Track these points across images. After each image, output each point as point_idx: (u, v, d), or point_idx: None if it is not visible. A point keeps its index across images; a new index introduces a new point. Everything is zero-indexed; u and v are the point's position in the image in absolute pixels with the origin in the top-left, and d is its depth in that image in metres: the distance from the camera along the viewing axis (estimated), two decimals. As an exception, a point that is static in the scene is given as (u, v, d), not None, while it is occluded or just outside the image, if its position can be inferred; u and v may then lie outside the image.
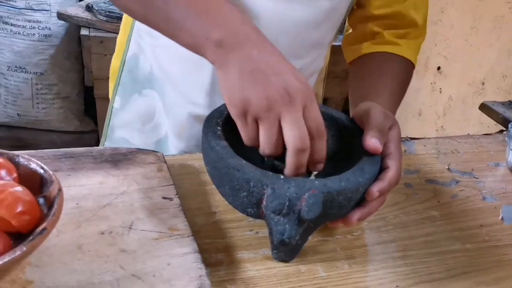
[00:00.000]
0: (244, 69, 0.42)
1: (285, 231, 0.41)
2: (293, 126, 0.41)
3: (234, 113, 0.43)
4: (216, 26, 0.44)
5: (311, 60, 0.70)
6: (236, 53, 0.43)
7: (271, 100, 0.40)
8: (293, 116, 0.41)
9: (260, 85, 0.41)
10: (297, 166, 0.42)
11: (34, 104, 1.87)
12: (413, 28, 0.69)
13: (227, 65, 0.43)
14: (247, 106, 0.41)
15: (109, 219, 0.46)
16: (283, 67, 0.43)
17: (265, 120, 0.41)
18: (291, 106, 0.41)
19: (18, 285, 0.38)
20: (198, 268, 0.42)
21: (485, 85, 1.46)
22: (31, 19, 1.74)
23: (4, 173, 0.42)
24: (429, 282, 0.47)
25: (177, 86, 0.69)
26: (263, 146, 0.42)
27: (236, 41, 0.43)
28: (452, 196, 0.61)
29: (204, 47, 0.45)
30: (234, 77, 0.42)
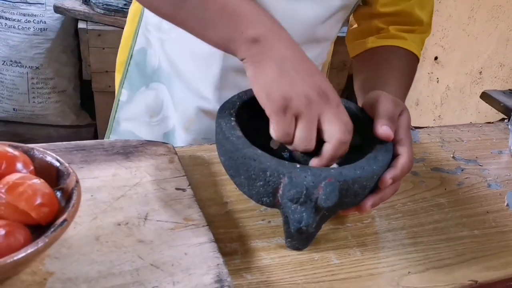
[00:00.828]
0: (281, 68, 0.43)
1: (302, 219, 0.41)
2: (336, 120, 0.43)
3: (272, 108, 0.43)
4: (252, 24, 0.45)
5: (317, 55, 0.70)
6: (272, 51, 0.44)
7: (311, 98, 0.42)
8: (333, 111, 0.43)
9: (297, 83, 0.43)
10: (333, 158, 0.44)
11: (30, 99, 1.85)
12: (418, 26, 0.70)
13: (263, 61, 0.44)
14: (288, 102, 0.42)
15: (124, 210, 0.46)
16: (313, 69, 0.45)
17: (306, 116, 0.42)
18: (330, 103, 0.43)
19: (39, 276, 0.38)
20: (215, 257, 0.42)
21: (482, 74, 1.47)
22: (26, 13, 1.72)
23: (20, 166, 0.42)
24: (440, 268, 0.48)
25: (186, 81, 0.69)
26: (299, 141, 0.43)
27: (271, 40, 0.44)
28: (458, 183, 0.62)
29: (237, 42, 0.45)
30: (272, 74, 0.43)
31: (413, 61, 0.68)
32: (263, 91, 0.43)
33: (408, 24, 0.69)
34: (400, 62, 0.66)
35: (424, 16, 0.69)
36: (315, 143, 0.43)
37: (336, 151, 0.43)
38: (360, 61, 0.71)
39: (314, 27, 0.64)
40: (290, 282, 0.44)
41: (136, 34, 0.72)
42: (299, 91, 0.42)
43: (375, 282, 0.45)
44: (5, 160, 0.42)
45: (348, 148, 0.45)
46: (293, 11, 0.61)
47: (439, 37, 1.62)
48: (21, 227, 0.38)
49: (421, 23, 0.69)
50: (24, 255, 0.34)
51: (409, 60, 0.67)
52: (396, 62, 0.66)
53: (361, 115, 0.52)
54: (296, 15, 0.61)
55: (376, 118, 0.49)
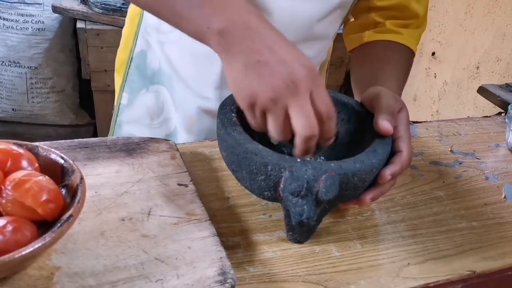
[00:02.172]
0: (247, 61, 0.42)
1: (303, 212, 0.42)
2: (300, 115, 0.41)
3: (242, 105, 0.44)
4: (217, 15, 0.43)
5: (317, 53, 0.71)
6: (239, 44, 0.42)
7: (277, 91, 0.41)
8: (300, 105, 0.41)
9: (264, 77, 0.41)
10: (305, 151, 0.44)
11: (29, 99, 1.86)
12: (414, 20, 0.70)
13: (231, 57, 0.43)
14: (254, 99, 0.42)
15: (128, 206, 0.47)
16: (287, 54, 0.42)
17: (272, 112, 0.42)
18: (297, 95, 0.41)
19: (46, 271, 0.39)
20: (218, 251, 0.43)
21: (479, 69, 1.48)
22: (24, 13, 1.72)
23: (26, 163, 0.43)
24: (439, 259, 0.49)
25: (186, 81, 0.70)
26: (273, 134, 0.44)
27: (238, 31, 0.43)
28: (456, 176, 0.63)
29: (207, 36, 0.44)
30: (239, 70, 0.42)
31: (409, 56, 0.69)
32: (232, 88, 0.44)
33: (405, 17, 0.70)
34: (396, 56, 0.67)
35: (420, 9, 0.70)
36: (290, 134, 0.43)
37: (304, 145, 0.43)
38: (357, 55, 0.71)
39: (312, 24, 0.64)
40: (292, 274, 0.44)
41: (136, 36, 0.72)
42: (265, 87, 0.41)
43: (375, 274, 0.46)
44: (10, 157, 0.42)
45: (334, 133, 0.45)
46: (292, 9, 0.61)
47: (436, 32, 1.63)
48: (27, 223, 0.39)
49: (417, 16, 0.70)
50: (31, 250, 0.35)
51: (405, 54, 0.68)
52: (393, 57, 0.66)
53: (360, 110, 0.53)
54: (295, 12, 0.62)
55: (376, 113, 0.49)
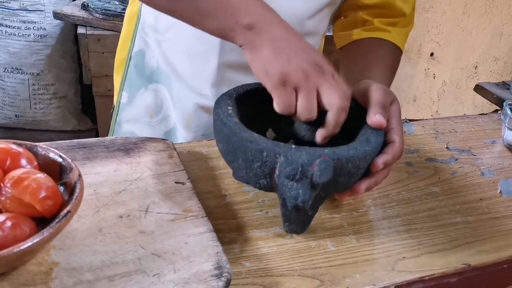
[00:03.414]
0: (275, 47, 0.47)
1: (298, 195, 0.43)
2: (332, 90, 0.46)
3: (273, 84, 0.46)
4: (245, 12, 0.48)
5: None
6: (266, 35, 0.47)
7: (307, 71, 0.46)
8: (330, 82, 0.46)
9: (293, 59, 0.46)
10: (337, 125, 0.47)
11: (31, 105, 1.87)
12: (401, 18, 0.72)
13: (259, 45, 0.47)
14: (286, 76, 0.45)
15: (126, 203, 0.48)
16: (306, 45, 0.48)
17: (305, 87, 0.46)
18: (325, 75, 0.47)
19: (45, 267, 0.40)
20: (215, 246, 0.44)
21: (478, 69, 1.48)
22: (25, 20, 1.74)
23: (24, 162, 0.44)
24: (433, 253, 0.49)
25: (184, 79, 0.71)
26: (303, 112, 0.46)
27: (264, 24, 0.48)
28: (452, 172, 0.63)
29: (233, 31, 0.49)
30: (268, 53, 0.47)
31: (396, 53, 0.70)
32: (261, 70, 0.47)
33: (391, 16, 0.71)
34: (384, 53, 0.68)
35: (406, 8, 0.71)
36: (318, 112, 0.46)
37: (338, 118, 0.46)
38: (346, 53, 0.73)
39: (303, 21, 0.66)
40: (288, 269, 0.45)
41: (134, 36, 0.74)
42: (295, 66, 0.45)
43: (370, 267, 0.46)
44: (9, 156, 0.43)
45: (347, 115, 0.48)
46: (284, 6, 0.62)
47: (434, 33, 1.64)
48: (26, 220, 0.40)
49: (404, 14, 0.72)
50: (30, 244, 0.36)
51: (392, 52, 0.69)
52: (381, 54, 0.68)
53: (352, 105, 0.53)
54: (287, 9, 0.63)
55: (369, 107, 0.50)
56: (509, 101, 0.72)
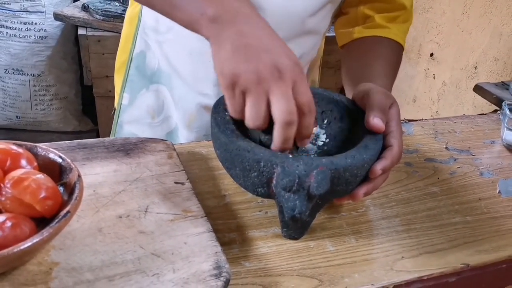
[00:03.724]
0: (236, 44, 0.43)
1: (295, 207, 0.43)
2: (281, 100, 0.41)
3: (223, 85, 0.44)
4: (211, 3, 0.45)
5: (309, 48, 0.72)
6: (230, 29, 0.44)
7: (261, 74, 0.41)
8: (282, 90, 0.41)
9: (250, 59, 0.42)
10: (284, 140, 0.43)
11: (32, 106, 1.88)
12: (402, 11, 0.72)
13: (221, 39, 0.44)
14: (237, 78, 0.42)
15: (125, 203, 0.48)
16: (274, 44, 0.44)
17: (253, 93, 0.42)
18: (280, 81, 0.42)
19: (45, 267, 0.40)
20: (214, 246, 0.44)
21: (477, 69, 1.48)
22: (26, 21, 1.75)
23: (24, 162, 0.44)
24: (432, 253, 0.49)
25: (185, 79, 0.71)
26: (249, 119, 0.43)
27: (230, 17, 0.44)
28: (451, 173, 0.63)
29: (199, 23, 0.46)
30: (227, 50, 0.43)
31: (398, 50, 0.70)
32: (218, 67, 0.44)
33: (392, 9, 0.71)
34: (386, 51, 0.68)
35: (406, 2, 0.72)
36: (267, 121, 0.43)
37: (283, 132, 0.42)
38: (347, 51, 0.73)
39: (304, 19, 0.66)
40: (287, 269, 0.45)
41: (135, 38, 0.74)
42: (250, 68, 0.42)
43: (369, 267, 0.46)
44: (9, 157, 0.44)
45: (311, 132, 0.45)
46: (285, 4, 0.62)
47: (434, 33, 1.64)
48: (26, 220, 0.40)
49: (404, 7, 0.72)
50: (30, 244, 0.36)
51: (394, 49, 0.69)
52: (382, 52, 0.67)
53: (352, 107, 0.54)
54: (288, 7, 0.63)
55: (367, 110, 0.50)
56: (508, 101, 0.72)
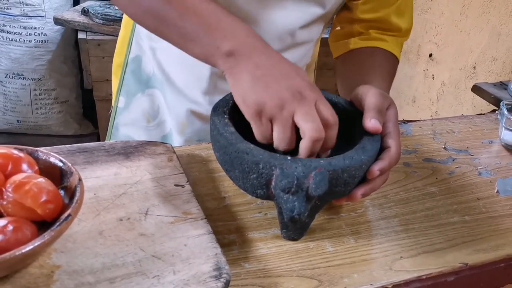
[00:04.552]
0: (255, 75, 0.46)
1: (294, 208, 0.43)
2: (308, 118, 0.44)
3: (249, 114, 0.46)
4: (226, 39, 0.48)
5: (300, 57, 0.73)
6: (246, 61, 0.47)
7: (284, 99, 0.44)
8: (307, 110, 0.44)
9: (271, 87, 0.45)
10: (311, 154, 0.45)
11: (33, 110, 1.89)
12: (397, 32, 0.73)
13: (239, 72, 0.47)
14: (262, 107, 0.44)
15: (126, 206, 0.48)
16: (289, 71, 0.47)
17: (279, 118, 0.44)
18: (303, 101, 0.45)
19: (46, 269, 0.40)
20: (214, 248, 0.44)
21: (476, 69, 1.49)
22: (26, 26, 1.76)
23: (26, 166, 0.44)
24: (431, 252, 0.49)
25: (177, 86, 0.72)
26: (278, 143, 0.45)
27: (245, 51, 0.47)
28: (449, 172, 0.64)
29: (215, 57, 0.48)
30: (247, 82, 0.46)
31: (393, 61, 0.71)
32: (240, 98, 0.46)
33: (387, 30, 0.72)
34: (382, 61, 0.69)
35: (402, 24, 0.72)
36: (295, 142, 0.45)
37: (310, 148, 0.45)
38: (343, 61, 0.73)
39: (294, 32, 0.66)
40: (287, 269, 0.45)
41: (130, 42, 0.75)
42: (272, 95, 0.44)
43: (368, 267, 0.47)
44: (11, 161, 0.44)
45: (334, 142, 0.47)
46: (274, 18, 0.63)
47: (432, 34, 1.65)
48: (28, 223, 0.40)
49: (399, 29, 0.72)
50: (32, 247, 0.37)
51: (390, 60, 0.70)
52: (379, 61, 0.68)
53: (350, 109, 0.54)
54: (276, 21, 0.64)
55: (365, 112, 0.50)
56: (506, 101, 0.73)
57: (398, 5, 0.71)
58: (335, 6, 0.68)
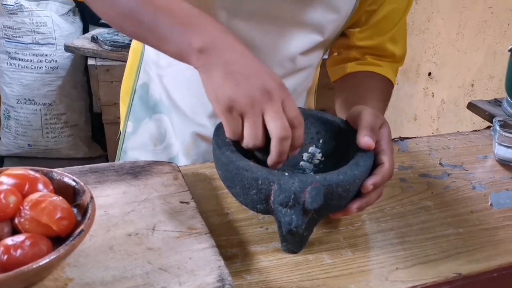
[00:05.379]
0: (226, 71, 0.47)
1: (292, 221, 0.46)
2: (276, 118, 0.46)
3: (220, 110, 0.47)
4: (198, 35, 0.49)
5: (302, 80, 0.77)
6: (217, 58, 0.48)
7: (253, 97, 0.46)
8: (275, 110, 0.46)
9: (242, 84, 0.46)
10: (280, 153, 0.47)
11: (44, 134, 1.94)
12: (391, 58, 0.77)
13: (210, 68, 0.48)
14: (232, 103, 0.46)
15: (134, 223, 0.51)
16: (259, 68, 0.48)
17: (250, 115, 0.46)
18: (271, 101, 0.46)
19: (60, 282, 0.43)
20: (217, 260, 0.47)
21: (474, 86, 1.52)
22: (38, 53, 1.82)
23: (41, 186, 0.47)
24: (426, 263, 0.51)
25: (183, 111, 0.76)
26: (248, 139, 0.47)
27: (217, 47, 0.48)
28: (444, 187, 0.66)
29: (188, 54, 0.49)
30: (218, 79, 0.47)
31: (388, 85, 0.75)
32: (211, 95, 0.48)
33: (382, 56, 0.76)
34: (377, 84, 0.72)
35: (396, 50, 0.76)
36: (264, 140, 0.47)
37: (280, 147, 0.47)
38: (340, 84, 0.77)
39: (295, 58, 0.70)
40: (287, 281, 0.48)
41: (138, 70, 0.79)
42: (243, 92, 0.46)
43: (365, 278, 0.49)
44: (28, 181, 0.47)
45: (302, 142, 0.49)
46: (275, 45, 0.67)
47: (430, 53, 1.69)
48: (43, 239, 0.43)
49: (393, 56, 0.76)
50: (47, 260, 0.39)
51: (385, 83, 0.74)
52: (374, 84, 0.72)
53: (345, 127, 0.57)
54: (278, 48, 0.68)
55: (359, 130, 0.53)
56: (499, 118, 0.75)
57: (392, 34, 0.74)
58: (334, 33, 0.72)
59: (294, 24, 0.67)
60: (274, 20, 0.66)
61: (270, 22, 0.66)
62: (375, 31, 0.73)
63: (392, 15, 0.72)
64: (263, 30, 0.66)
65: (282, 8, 0.65)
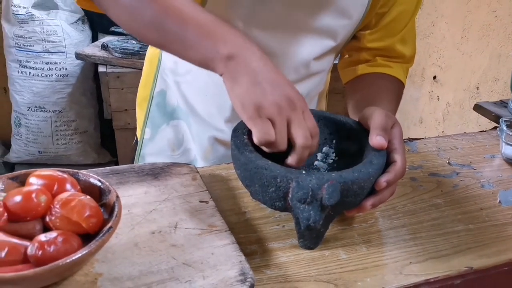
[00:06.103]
0: (253, 80, 0.50)
1: (310, 217, 0.48)
2: (300, 127, 0.50)
3: (247, 116, 0.50)
4: (225, 43, 0.51)
5: (315, 85, 0.79)
6: (245, 66, 0.50)
7: (280, 105, 0.49)
8: (299, 118, 0.50)
9: (269, 93, 0.49)
10: (301, 160, 0.51)
11: (54, 141, 1.96)
12: (401, 59, 0.79)
13: (238, 76, 0.50)
14: (260, 109, 0.49)
15: (157, 221, 0.53)
16: (282, 79, 0.51)
17: (277, 121, 0.49)
18: (295, 110, 0.50)
19: (90, 277, 0.45)
20: (238, 255, 0.49)
21: (479, 89, 1.54)
22: (48, 61, 1.86)
23: (69, 186, 0.50)
24: (437, 258, 0.53)
25: (201, 116, 0.78)
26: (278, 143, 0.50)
27: (244, 56, 0.50)
28: (454, 185, 0.68)
29: (214, 61, 0.51)
30: (246, 86, 0.50)
31: (399, 86, 0.77)
32: (238, 101, 0.50)
33: (392, 57, 0.78)
34: (388, 85, 0.74)
35: (406, 51, 0.78)
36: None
37: (302, 154, 0.51)
38: (351, 86, 0.79)
39: (309, 64, 0.73)
40: (304, 275, 0.50)
41: (155, 77, 0.81)
42: (270, 100, 0.49)
43: (380, 272, 0.51)
44: (57, 182, 0.50)
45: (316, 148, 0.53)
46: (289, 52, 0.70)
47: (435, 57, 1.71)
48: (74, 236, 0.45)
49: (403, 56, 0.79)
50: (80, 255, 0.42)
51: (396, 84, 0.76)
52: (385, 85, 0.74)
53: (357, 128, 0.59)
54: (292, 54, 0.70)
55: (371, 130, 0.55)
56: (505, 118, 0.77)
57: (402, 35, 0.77)
58: (346, 37, 0.74)
59: (308, 31, 0.69)
60: (289, 27, 0.68)
61: (285, 29, 0.68)
62: (385, 32, 0.76)
63: (402, 17, 0.75)
64: (278, 37, 0.69)
65: (296, 16, 0.67)
